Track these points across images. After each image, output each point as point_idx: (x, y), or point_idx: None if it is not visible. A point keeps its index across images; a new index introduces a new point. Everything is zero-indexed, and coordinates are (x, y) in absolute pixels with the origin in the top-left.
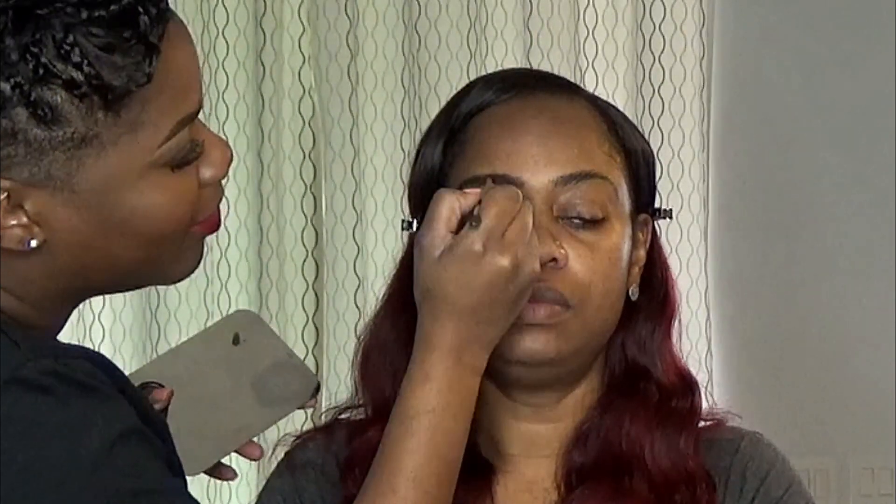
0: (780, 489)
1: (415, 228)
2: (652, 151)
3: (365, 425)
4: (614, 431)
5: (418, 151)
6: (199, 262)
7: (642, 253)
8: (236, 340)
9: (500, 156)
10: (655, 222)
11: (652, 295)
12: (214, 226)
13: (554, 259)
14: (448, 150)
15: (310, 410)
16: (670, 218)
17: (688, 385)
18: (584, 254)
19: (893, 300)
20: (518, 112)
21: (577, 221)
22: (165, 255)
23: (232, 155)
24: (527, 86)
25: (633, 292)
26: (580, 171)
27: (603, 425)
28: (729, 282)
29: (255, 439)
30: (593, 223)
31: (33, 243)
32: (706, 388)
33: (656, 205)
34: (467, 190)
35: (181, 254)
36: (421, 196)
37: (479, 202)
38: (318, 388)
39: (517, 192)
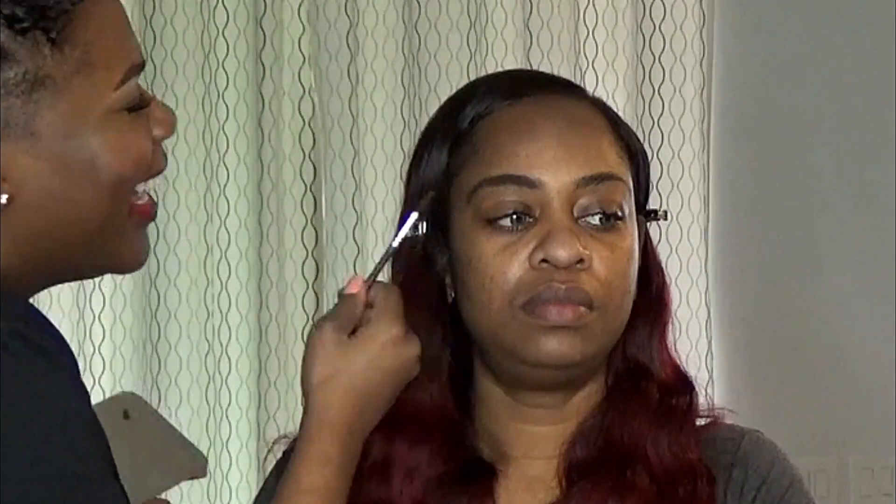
0: (782, 487)
1: (421, 232)
2: (644, 149)
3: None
4: (616, 428)
5: (419, 153)
6: (146, 254)
7: (638, 254)
8: (126, 416)
9: (519, 157)
10: (648, 224)
11: (648, 296)
12: (148, 212)
13: (581, 260)
14: (456, 153)
15: None
16: (665, 219)
17: (686, 383)
18: (605, 254)
19: (893, 300)
20: (533, 113)
21: (596, 222)
22: (115, 226)
23: (175, 119)
24: (536, 87)
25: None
26: (599, 172)
27: (605, 422)
28: (729, 282)
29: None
30: (611, 224)
31: (3, 199)
32: (706, 388)
33: (649, 206)
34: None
35: (125, 235)
36: (420, 197)
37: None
38: (206, 464)
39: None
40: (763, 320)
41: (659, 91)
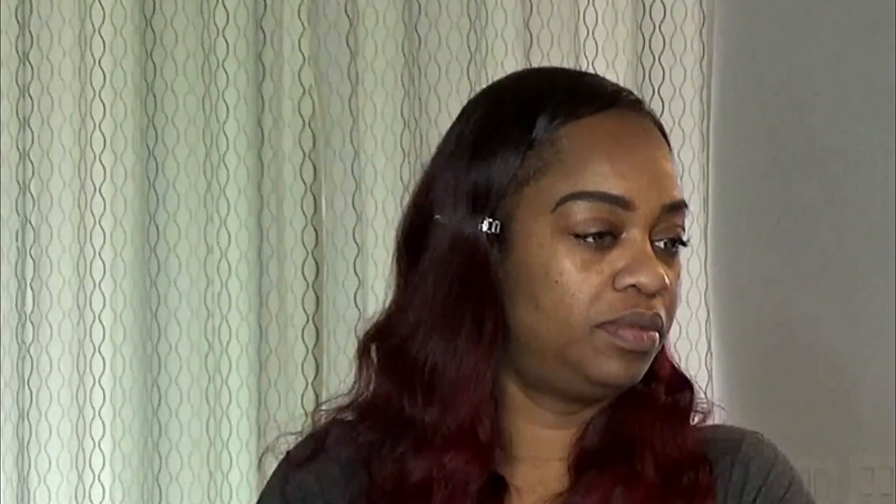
0: (782, 488)
1: (487, 228)
2: None
3: (399, 448)
4: (626, 423)
5: (481, 147)
6: None
7: None
8: None
9: (614, 176)
10: None
11: None
12: None
13: (665, 286)
14: (531, 156)
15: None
16: None
17: (685, 380)
18: (673, 279)
19: (893, 300)
20: (620, 129)
21: (664, 248)
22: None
23: None
24: (615, 99)
25: None
26: (679, 200)
27: (614, 418)
28: (729, 282)
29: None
30: (676, 249)
31: None
32: (706, 388)
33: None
34: None
35: None
36: (485, 195)
37: None
38: None
39: None
40: (763, 320)
41: (659, 91)
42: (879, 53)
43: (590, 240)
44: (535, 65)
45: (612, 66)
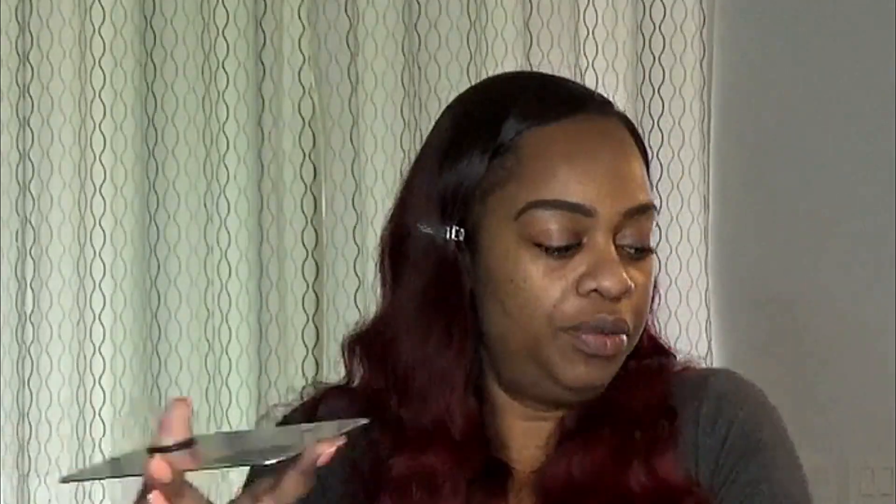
0: (754, 421)
1: (453, 235)
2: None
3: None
4: (600, 396)
5: (449, 153)
6: None
7: None
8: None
9: (573, 184)
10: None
11: None
12: None
13: (628, 290)
14: (496, 163)
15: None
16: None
17: (661, 349)
18: (640, 282)
19: (893, 299)
20: (584, 137)
21: (632, 251)
22: None
23: None
24: (581, 105)
25: None
26: (642, 204)
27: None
28: (729, 282)
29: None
30: (643, 251)
31: None
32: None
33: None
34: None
35: None
36: (453, 202)
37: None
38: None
39: None
40: (763, 320)
41: (659, 91)
42: (880, 52)
43: (551, 248)
44: (535, 65)
45: (612, 66)
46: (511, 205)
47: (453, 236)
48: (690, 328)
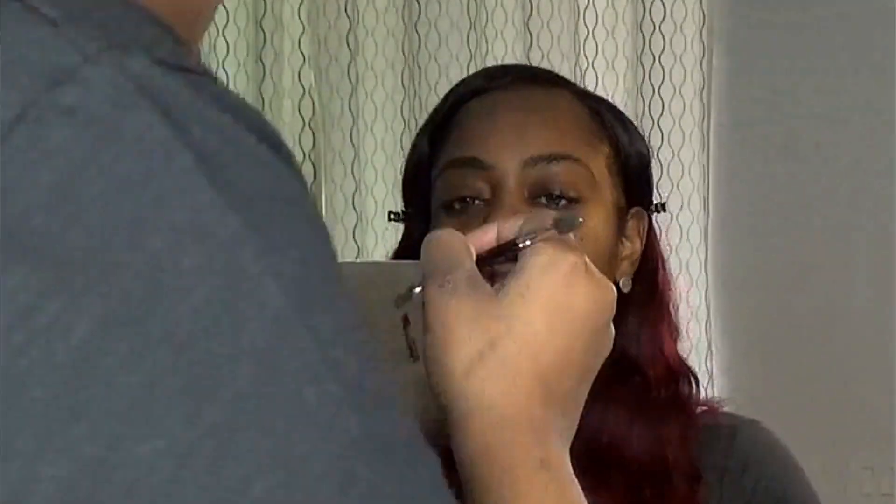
0: (783, 479)
1: (395, 218)
2: (647, 148)
3: None
4: (596, 425)
5: (413, 145)
6: None
7: (637, 246)
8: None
9: (476, 140)
10: (654, 218)
11: (643, 287)
12: None
13: None
14: (435, 138)
15: None
16: (663, 210)
17: (674, 376)
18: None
19: (893, 299)
20: (499, 101)
21: (549, 201)
22: None
23: None
24: (510, 78)
25: (625, 284)
26: (551, 152)
27: (587, 419)
28: (729, 282)
29: None
30: (567, 205)
31: None
32: (706, 387)
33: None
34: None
35: None
36: (411, 185)
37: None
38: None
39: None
40: (763, 320)
41: (659, 91)
42: (879, 52)
43: (457, 206)
44: (534, 64)
45: (612, 66)
46: (434, 173)
47: (395, 218)
48: (690, 328)
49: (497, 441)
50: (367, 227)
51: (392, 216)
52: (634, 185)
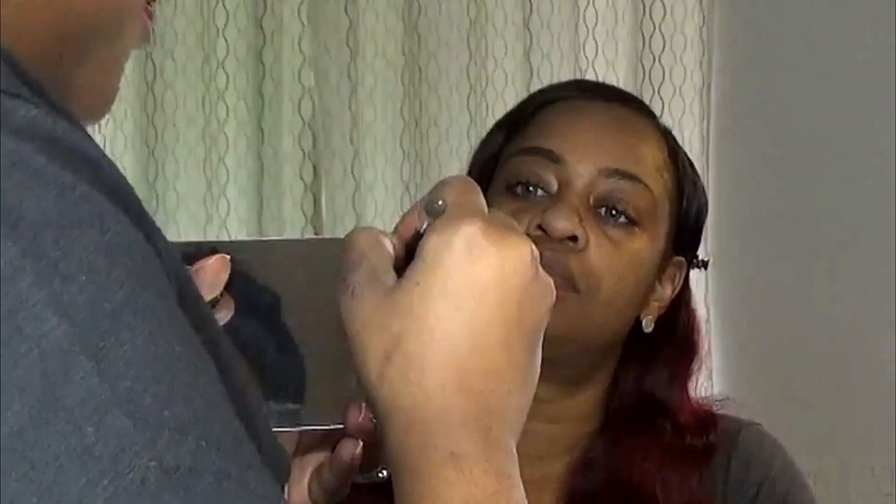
0: (784, 484)
1: None
2: (707, 206)
3: None
4: (624, 463)
5: (485, 136)
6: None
7: (668, 292)
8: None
9: (552, 134)
10: (691, 271)
11: (675, 338)
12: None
13: (574, 237)
14: (511, 135)
15: None
16: (705, 268)
17: (703, 425)
18: (606, 246)
19: (893, 300)
20: (586, 107)
21: (610, 216)
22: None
23: None
24: (603, 92)
25: (648, 324)
26: (627, 169)
27: (611, 455)
28: (729, 282)
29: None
30: (625, 223)
31: None
32: (706, 388)
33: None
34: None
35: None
36: (478, 177)
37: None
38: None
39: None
40: (763, 320)
41: (659, 91)
42: (879, 52)
43: (518, 190)
44: (534, 65)
45: (612, 66)
46: (503, 160)
47: None
48: None
49: (406, 444)
50: None
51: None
52: (686, 234)
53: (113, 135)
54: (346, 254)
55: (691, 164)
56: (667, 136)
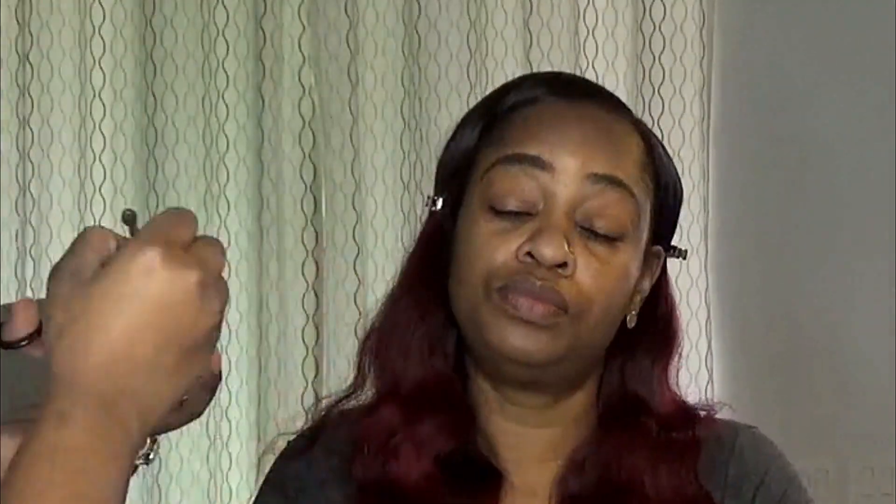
0: (781, 485)
1: (439, 206)
2: (682, 187)
3: (373, 406)
4: (613, 462)
5: (455, 131)
6: None
7: (647, 284)
8: None
9: (538, 140)
10: (667, 259)
11: (655, 329)
12: None
13: (564, 264)
14: (485, 134)
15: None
16: (682, 257)
17: (687, 417)
18: (594, 266)
19: (893, 300)
20: (566, 111)
21: (595, 233)
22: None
23: None
24: (578, 92)
25: (631, 319)
26: (613, 175)
27: (600, 455)
28: (729, 282)
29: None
30: (611, 239)
31: None
32: (706, 388)
33: (673, 242)
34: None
35: None
36: (450, 174)
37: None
38: None
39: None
40: (763, 320)
41: (659, 91)
42: (879, 53)
43: (502, 209)
44: (535, 65)
45: (612, 66)
46: (481, 168)
47: (431, 206)
48: (690, 328)
49: (48, 395)
50: (367, 226)
51: (427, 201)
52: (664, 224)
53: (113, 135)
54: (74, 243)
55: (664, 149)
56: (641, 128)
